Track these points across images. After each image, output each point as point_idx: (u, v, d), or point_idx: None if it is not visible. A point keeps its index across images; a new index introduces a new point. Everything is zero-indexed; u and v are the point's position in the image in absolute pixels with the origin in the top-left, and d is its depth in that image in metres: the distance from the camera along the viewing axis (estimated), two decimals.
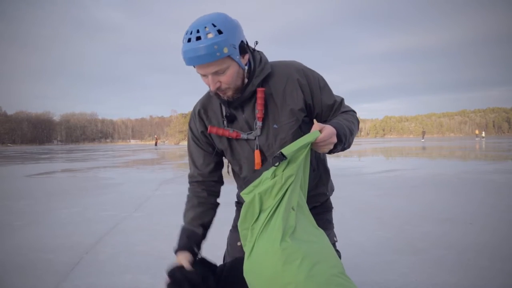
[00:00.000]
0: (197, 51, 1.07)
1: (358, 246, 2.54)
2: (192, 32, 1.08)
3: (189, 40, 1.08)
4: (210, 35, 1.07)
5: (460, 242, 2.56)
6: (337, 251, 1.61)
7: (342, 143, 1.19)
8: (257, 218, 1.11)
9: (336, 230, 1.56)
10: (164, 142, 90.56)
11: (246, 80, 1.22)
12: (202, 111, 1.35)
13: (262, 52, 1.30)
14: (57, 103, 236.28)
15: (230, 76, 1.15)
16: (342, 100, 1.35)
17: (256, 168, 1.26)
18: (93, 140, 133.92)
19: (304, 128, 1.31)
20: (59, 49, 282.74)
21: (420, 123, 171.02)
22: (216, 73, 1.13)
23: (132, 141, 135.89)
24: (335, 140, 1.12)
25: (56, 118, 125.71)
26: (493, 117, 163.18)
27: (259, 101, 1.23)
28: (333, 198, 1.54)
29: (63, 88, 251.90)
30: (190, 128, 1.41)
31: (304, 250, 1.02)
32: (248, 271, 1.10)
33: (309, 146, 1.11)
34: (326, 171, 1.48)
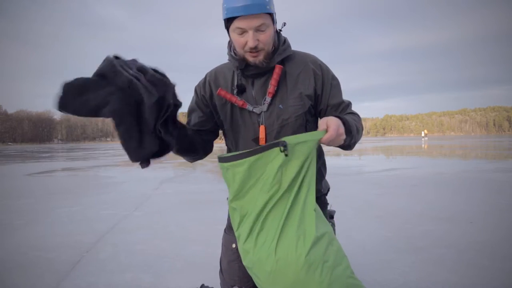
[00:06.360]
0: (248, 0, 1.09)
1: (358, 245, 2.54)
2: None
3: None
4: None
5: (461, 241, 2.56)
6: None
7: (351, 135, 1.17)
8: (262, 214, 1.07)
9: (336, 228, 1.56)
10: None
11: (273, 49, 1.24)
12: (213, 78, 1.36)
13: (286, 37, 1.33)
14: None
15: (269, 35, 1.17)
16: (349, 103, 1.35)
17: (260, 143, 1.25)
18: (93, 139, 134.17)
19: (309, 117, 1.31)
20: (61, 47, 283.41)
21: (421, 121, 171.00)
22: (258, 29, 1.15)
23: None
24: (342, 130, 1.09)
25: (57, 117, 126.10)
26: (494, 116, 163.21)
27: (275, 76, 1.24)
28: (334, 197, 1.54)
29: None
30: (195, 90, 1.41)
31: (324, 255, 1.02)
32: (271, 271, 1.05)
33: (314, 144, 1.06)
34: (320, 170, 1.48)
